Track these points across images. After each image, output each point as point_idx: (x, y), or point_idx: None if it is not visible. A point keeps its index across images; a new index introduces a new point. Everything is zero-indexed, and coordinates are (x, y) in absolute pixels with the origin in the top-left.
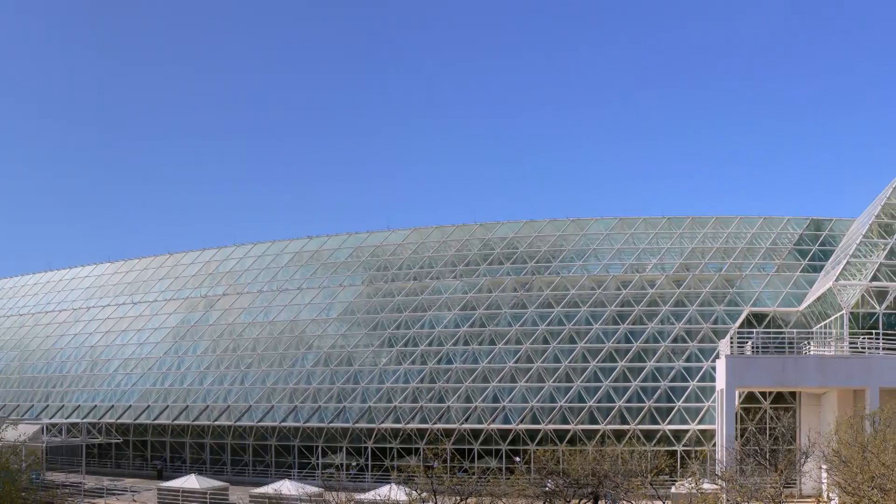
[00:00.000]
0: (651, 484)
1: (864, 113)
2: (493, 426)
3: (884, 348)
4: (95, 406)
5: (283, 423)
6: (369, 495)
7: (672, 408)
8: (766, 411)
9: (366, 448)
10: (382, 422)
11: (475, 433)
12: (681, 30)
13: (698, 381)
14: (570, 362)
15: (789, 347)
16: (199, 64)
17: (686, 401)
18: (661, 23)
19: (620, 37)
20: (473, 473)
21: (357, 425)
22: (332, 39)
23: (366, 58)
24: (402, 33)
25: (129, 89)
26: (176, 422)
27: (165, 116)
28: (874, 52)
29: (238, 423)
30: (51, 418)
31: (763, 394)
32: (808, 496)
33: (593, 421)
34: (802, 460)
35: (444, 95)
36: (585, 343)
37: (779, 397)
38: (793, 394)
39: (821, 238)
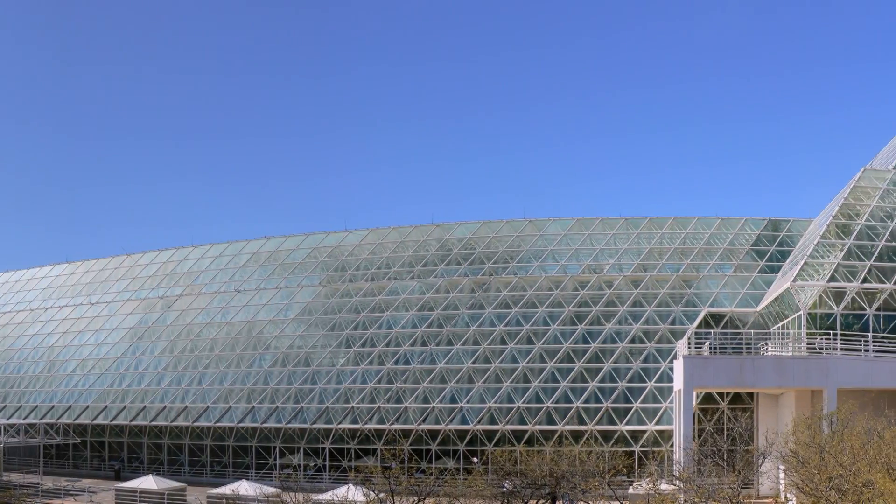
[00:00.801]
0: (609, 484)
1: (822, 114)
2: (450, 427)
3: (841, 349)
4: (53, 406)
5: (241, 424)
6: (327, 496)
7: (630, 408)
8: (723, 412)
9: (323, 448)
10: (340, 422)
11: (433, 434)
12: (639, 30)
13: (656, 382)
14: (527, 363)
15: (747, 348)
16: (157, 64)
17: (644, 401)
18: (619, 23)
19: (578, 37)
20: (431, 474)
21: (314, 426)
22: (290, 39)
23: (324, 58)
24: (359, 33)
25: (87, 89)
26: (133, 422)
27: (123, 117)
28: (832, 53)
29: (195, 424)
30: (8, 419)
31: (721, 394)
32: (766, 497)
33: (551, 421)
34: (760, 461)
35: (403, 96)
36: (543, 344)
37: (736, 398)
38: (750, 394)
39: (778, 238)
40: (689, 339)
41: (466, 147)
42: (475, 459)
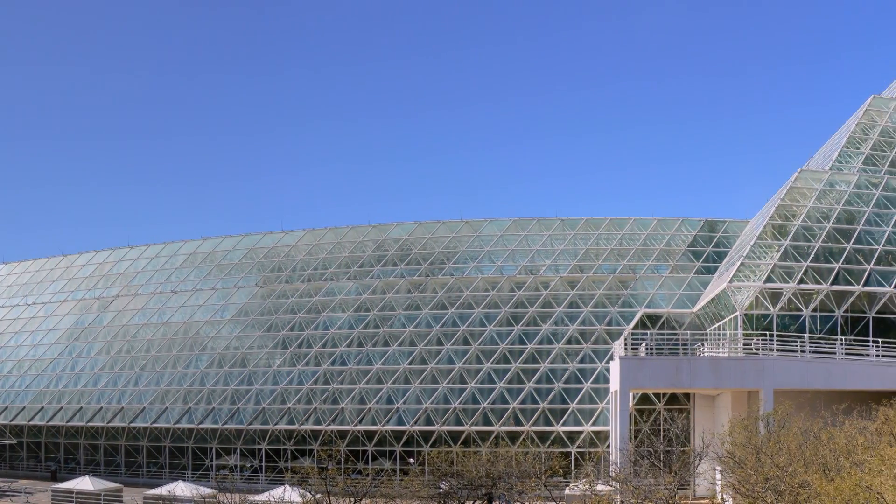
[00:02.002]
0: (545, 485)
1: (759, 114)
2: (387, 427)
3: (778, 350)
4: None
5: (177, 425)
6: (263, 497)
7: (566, 409)
8: (660, 412)
9: (260, 449)
10: (276, 423)
11: (369, 434)
12: (575, 31)
13: (592, 383)
14: (464, 363)
15: (683, 349)
16: (93, 63)
17: (580, 402)
18: (555, 24)
19: (515, 39)
20: (367, 475)
21: (251, 427)
22: (226, 39)
23: (261, 57)
24: (295, 33)
25: (20, 90)
26: (70, 423)
27: (59, 117)
28: (769, 54)
29: (132, 425)
30: None
31: (657, 395)
32: (702, 497)
33: (487, 422)
34: (696, 462)
35: (338, 96)
36: (479, 344)
37: (673, 398)
38: (687, 395)
39: (715, 239)
40: (625, 339)
41: (403, 148)
42: (412, 460)
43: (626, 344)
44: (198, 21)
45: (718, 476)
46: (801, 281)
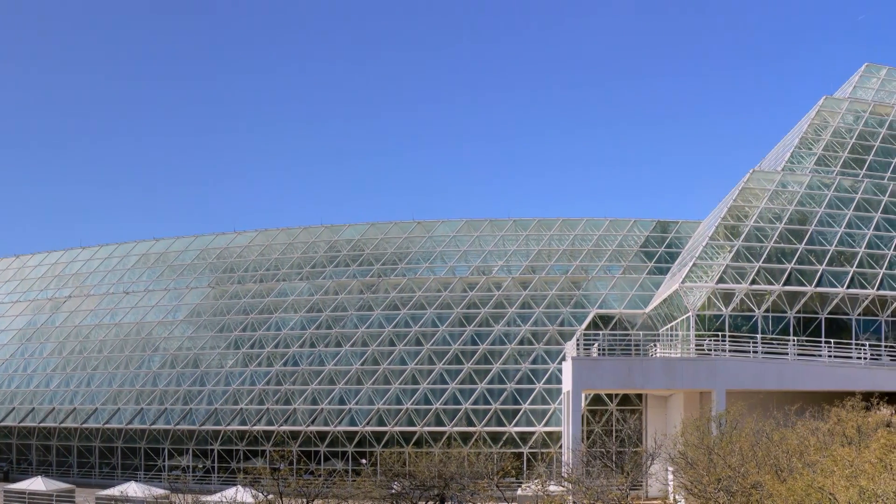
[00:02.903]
0: (497, 486)
1: (712, 115)
2: (339, 428)
3: (730, 350)
4: None
5: (130, 426)
6: (215, 497)
7: (518, 410)
8: (612, 413)
9: (212, 450)
10: (229, 424)
11: (321, 435)
12: (529, 31)
13: (545, 383)
14: (416, 364)
15: (635, 349)
16: (42, 63)
17: (532, 403)
18: (508, 24)
19: (466, 39)
20: (320, 475)
21: (203, 427)
22: (178, 39)
23: (213, 58)
24: (247, 33)
25: None
26: (22, 424)
27: (11, 118)
28: (722, 55)
29: (84, 425)
30: None
31: (609, 396)
32: (655, 498)
33: (440, 423)
34: (649, 462)
35: (291, 96)
36: (432, 345)
37: (625, 399)
38: (639, 396)
39: (667, 240)
40: (577, 340)
41: (356, 149)
42: (364, 461)
43: (578, 345)
44: (146, 23)
45: (671, 477)
46: (754, 282)
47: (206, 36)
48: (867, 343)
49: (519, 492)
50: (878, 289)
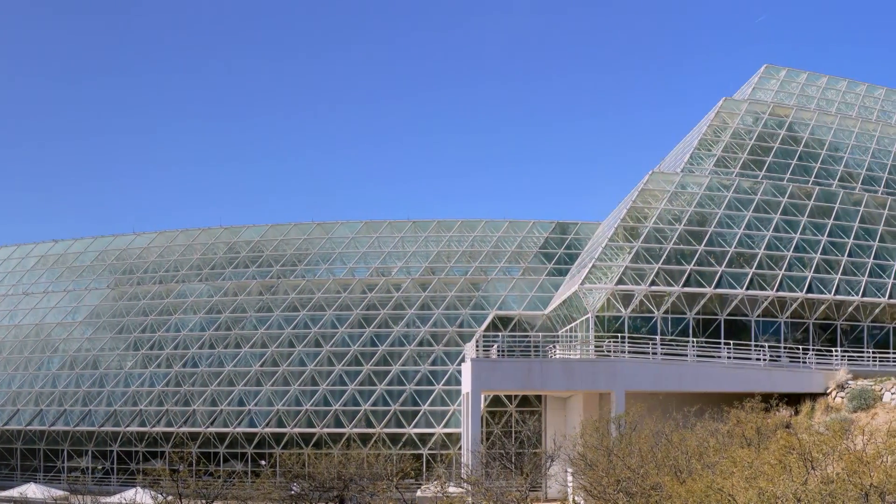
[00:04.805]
0: (396, 487)
1: (610, 117)
2: (238, 429)
3: (629, 352)
4: None
5: (29, 427)
6: (115, 499)
7: (418, 411)
8: (511, 415)
9: (111, 451)
10: (128, 425)
11: (221, 437)
12: (416, 32)
13: (444, 385)
14: (315, 366)
15: (535, 351)
16: None
17: (432, 404)
18: (394, 25)
19: (360, 39)
20: (219, 477)
21: (103, 429)
22: (74, 39)
23: (112, 57)
24: (144, 34)
25: None
26: None
27: None
28: (620, 55)
29: None
30: None
31: (509, 397)
32: (554, 499)
33: (339, 424)
34: (548, 464)
35: (189, 97)
36: (331, 346)
37: (524, 401)
38: (539, 397)
39: (566, 241)
40: (476, 341)
41: (254, 150)
42: (263, 462)
43: (477, 346)
44: (48, 19)
45: (570, 478)
46: (653, 283)
47: (101, 35)
48: (766, 344)
49: (418, 493)
50: (777, 290)
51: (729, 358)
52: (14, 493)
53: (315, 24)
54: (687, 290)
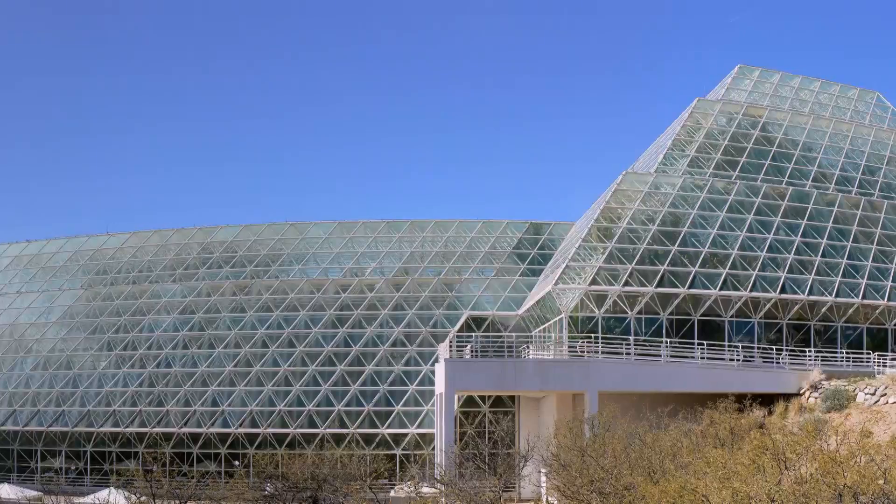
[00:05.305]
0: (370, 488)
1: (584, 117)
2: (212, 430)
3: (603, 352)
4: None
5: (2, 427)
6: (88, 499)
7: (391, 412)
8: (485, 415)
9: (85, 451)
10: (101, 425)
11: (194, 437)
12: (398, 31)
13: (417, 385)
14: (289, 366)
15: (509, 351)
16: None
17: (405, 405)
18: (376, 22)
19: (337, 39)
20: (192, 477)
21: (76, 429)
22: (47, 38)
23: (85, 57)
24: (116, 32)
25: None
26: None
27: None
28: (593, 56)
29: None
30: None
31: (483, 397)
32: (528, 500)
33: (312, 425)
34: (522, 464)
35: (162, 98)
36: (304, 347)
37: (498, 401)
38: (512, 398)
39: (540, 242)
40: (450, 342)
41: (228, 150)
42: (237, 463)
43: (451, 346)
44: (8, 22)
45: (543, 478)
46: (627, 283)
47: (73, 35)
48: (740, 345)
49: (392, 493)
50: (751, 291)
51: (702, 358)
52: None
53: (289, 27)
54: (660, 290)
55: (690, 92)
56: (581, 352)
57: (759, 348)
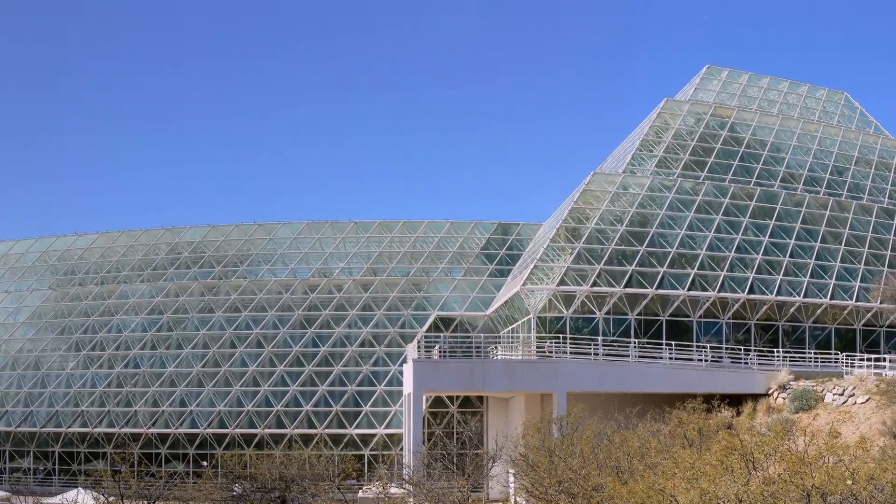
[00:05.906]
0: (338, 488)
1: (552, 117)
2: (180, 430)
3: (571, 353)
4: None
5: None
6: (56, 499)
7: (359, 412)
8: (453, 415)
9: (53, 452)
10: (70, 426)
11: (162, 437)
12: (367, 33)
13: (386, 386)
14: (257, 366)
15: (477, 352)
16: None
17: (374, 405)
18: (343, 24)
19: (301, 40)
20: (161, 477)
21: (44, 429)
22: (17, 37)
23: (52, 57)
24: (91, 35)
25: None
26: None
27: None
28: (561, 56)
29: None
30: None
31: (451, 398)
32: (496, 500)
33: (281, 425)
34: (490, 464)
35: (131, 99)
36: (273, 347)
37: (466, 401)
38: (480, 398)
39: (508, 242)
40: (418, 342)
41: (196, 151)
42: (205, 463)
43: (419, 346)
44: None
45: (512, 479)
46: (595, 284)
47: (43, 35)
48: (708, 345)
49: (360, 494)
50: (719, 291)
51: (671, 358)
52: None
53: (260, 27)
54: (629, 290)
55: (659, 92)
56: (549, 352)
57: (727, 349)
